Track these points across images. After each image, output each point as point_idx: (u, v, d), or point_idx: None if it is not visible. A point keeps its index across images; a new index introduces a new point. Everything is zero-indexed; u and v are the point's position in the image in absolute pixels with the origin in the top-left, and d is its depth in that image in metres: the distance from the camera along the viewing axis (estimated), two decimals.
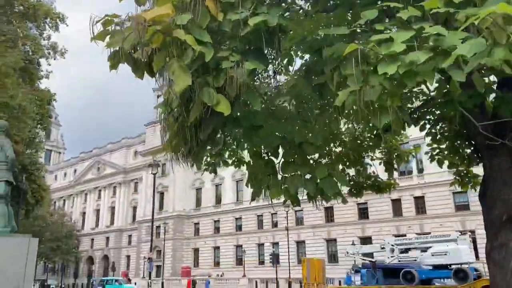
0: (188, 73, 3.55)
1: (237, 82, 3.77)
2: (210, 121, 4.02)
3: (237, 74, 3.70)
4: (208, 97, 3.57)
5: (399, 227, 41.57)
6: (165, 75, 4.00)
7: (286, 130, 4.74)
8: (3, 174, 10.32)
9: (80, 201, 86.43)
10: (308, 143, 5.23)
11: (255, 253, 53.06)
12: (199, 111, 3.80)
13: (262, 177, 5.38)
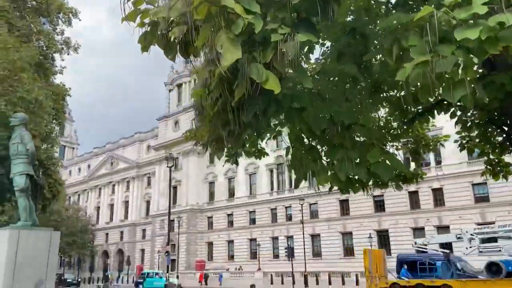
0: (238, 46, 3.20)
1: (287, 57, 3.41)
2: (254, 102, 3.66)
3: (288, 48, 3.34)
4: (257, 73, 3.21)
5: (417, 220, 40.95)
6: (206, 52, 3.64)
7: (334, 111, 4.36)
8: (24, 167, 10.14)
9: (94, 195, 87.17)
10: (358, 125, 4.84)
11: (269, 246, 52.87)
12: (243, 90, 3.44)
13: (307, 163, 5.01)
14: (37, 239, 10.00)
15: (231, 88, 3.86)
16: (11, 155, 10.39)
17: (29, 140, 10.15)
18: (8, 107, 19.59)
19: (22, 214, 10.24)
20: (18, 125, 10.60)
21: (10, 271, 9.27)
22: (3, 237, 9.58)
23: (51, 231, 10.66)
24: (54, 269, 10.35)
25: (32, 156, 10.30)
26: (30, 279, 9.46)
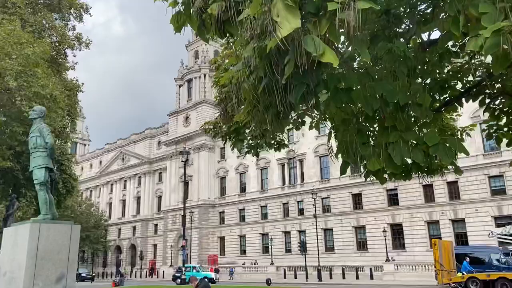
0: (297, 13, 2.92)
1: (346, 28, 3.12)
2: (303, 80, 3.40)
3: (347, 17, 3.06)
4: (313, 46, 2.95)
5: (432, 213, 40.47)
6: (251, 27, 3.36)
7: (387, 90, 4.07)
8: (43, 161, 10.04)
9: (106, 191, 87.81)
10: (415, 104, 4.56)
11: (282, 241, 52.75)
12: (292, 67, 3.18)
13: (356, 147, 4.75)
14: (57, 233, 9.93)
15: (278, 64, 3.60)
16: (30, 149, 10.32)
17: (48, 133, 10.05)
18: (24, 102, 19.62)
19: (42, 208, 10.17)
20: (36, 118, 10.50)
21: (32, 264, 9.20)
22: (24, 231, 9.52)
23: (71, 225, 10.58)
24: (75, 262, 10.27)
25: (51, 149, 10.20)
26: (52, 272, 9.38)
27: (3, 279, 9.73)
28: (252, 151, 10.95)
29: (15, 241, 9.80)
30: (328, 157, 49.99)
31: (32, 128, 10.40)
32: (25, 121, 21.16)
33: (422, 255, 39.77)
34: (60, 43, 30.50)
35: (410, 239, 41.29)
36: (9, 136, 20.98)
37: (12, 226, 10.50)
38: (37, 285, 9.24)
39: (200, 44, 72.09)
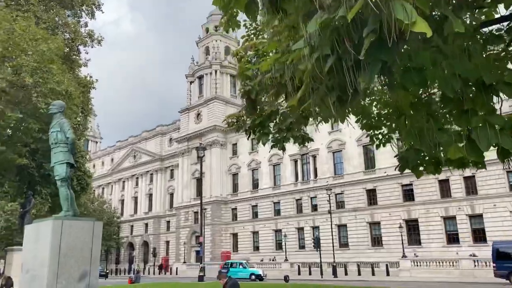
0: None
1: None
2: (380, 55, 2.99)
3: None
4: (403, 12, 2.57)
5: (448, 209, 39.79)
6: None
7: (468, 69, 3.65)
8: (64, 156, 9.83)
9: (118, 188, 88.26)
10: (503, 84, 4.11)
11: (295, 237, 52.44)
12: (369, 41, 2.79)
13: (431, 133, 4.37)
14: (80, 230, 9.74)
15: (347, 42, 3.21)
16: (51, 144, 10.11)
17: (69, 128, 9.84)
18: (39, 98, 19.52)
19: (64, 204, 9.98)
20: (56, 112, 10.29)
21: (55, 262, 9.00)
22: (46, 228, 9.33)
23: (93, 221, 10.40)
24: (97, 260, 10.08)
25: (72, 144, 9.99)
26: (74, 270, 9.19)
27: (26, 277, 9.57)
28: (278, 144, 10.64)
29: (37, 238, 9.63)
30: (342, 152, 49.56)
31: (52, 123, 10.20)
32: (41, 118, 21.11)
33: (439, 251, 39.22)
34: (73, 40, 30.44)
35: (426, 235, 40.69)
36: (24, 132, 20.95)
37: (34, 223, 10.33)
38: (60, 283, 9.07)
39: (211, 40, 71.86)
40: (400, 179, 43.34)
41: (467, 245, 37.93)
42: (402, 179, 43.19)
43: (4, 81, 18.33)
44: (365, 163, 47.41)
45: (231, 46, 73.50)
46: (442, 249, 39.21)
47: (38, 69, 19.94)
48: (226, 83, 69.89)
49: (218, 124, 64.72)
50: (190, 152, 69.04)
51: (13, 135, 20.21)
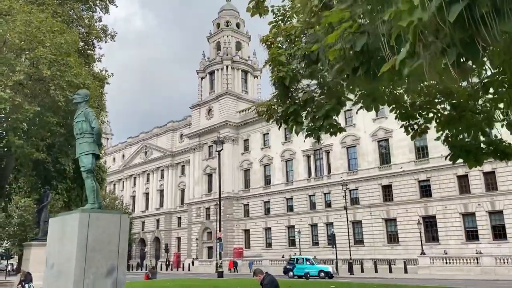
0: None
1: None
2: None
3: None
4: None
5: (467, 205, 38.96)
6: None
7: None
8: (90, 147, 9.44)
9: (130, 185, 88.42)
10: None
11: (308, 234, 51.92)
12: None
13: None
14: (107, 223, 9.35)
15: None
16: (76, 135, 9.72)
17: (94, 117, 9.43)
18: (57, 91, 19.20)
19: (90, 196, 9.59)
20: (81, 102, 9.91)
21: (82, 256, 8.62)
22: (73, 221, 8.95)
23: (120, 215, 10.02)
24: (125, 254, 9.69)
25: (98, 134, 9.59)
26: (102, 265, 8.80)
27: (51, 272, 9.20)
28: (314, 134, 10.14)
29: (62, 231, 9.25)
30: (357, 148, 48.83)
31: (77, 113, 9.81)
32: (59, 112, 20.83)
33: (457, 248, 38.47)
34: (88, 34, 30.15)
35: (444, 231, 39.92)
36: (41, 126, 20.67)
37: (59, 216, 9.96)
38: (88, 278, 8.69)
39: (222, 36, 71.35)
40: (417, 175, 42.59)
41: (487, 242, 37.13)
42: (419, 174, 42.46)
43: (21, 73, 18.02)
44: (380, 159, 46.67)
45: (242, 42, 73.01)
46: (460, 246, 38.45)
47: (56, 61, 19.62)
48: (237, 79, 69.40)
49: (230, 120, 64.35)
50: (201, 148, 68.76)
51: (30, 129, 19.91)
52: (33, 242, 21.52)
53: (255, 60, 72.88)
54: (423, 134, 12.05)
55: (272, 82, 9.88)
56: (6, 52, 18.83)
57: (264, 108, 10.66)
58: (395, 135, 44.99)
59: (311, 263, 35.77)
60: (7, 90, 17.56)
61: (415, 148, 43.62)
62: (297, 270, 35.52)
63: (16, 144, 19.21)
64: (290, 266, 36.59)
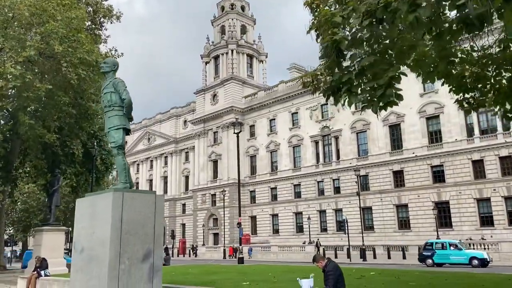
0: None
1: None
2: None
3: None
4: None
5: (482, 190, 38.23)
6: None
7: None
8: (120, 120, 8.49)
9: (133, 171, 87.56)
10: None
11: (317, 220, 51.29)
12: None
13: None
14: (142, 203, 8.49)
15: None
16: (104, 107, 8.76)
17: (124, 88, 8.47)
18: (70, 69, 18.18)
19: (121, 175, 8.70)
20: (109, 71, 8.95)
21: (116, 239, 7.76)
22: (105, 202, 8.07)
23: (155, 194, 9.17)
24: (161, 237, 8.87)
25: (129, 107, 8.63)
26: (138, 248, 7.99)
27: (80, 257, 8.34)
28: (372, 106, 9.17)
29: (93, 213, 8.38)
30: (367, 133, 47.93)
31: (104, 84, 8.84)
32: (70, 91, 19.82)
33: (471, 234, 37.86)
34: (96, 12, 29.01)
35: (458, 217, 39.27)
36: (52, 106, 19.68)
37: (88, 197, 9.08)
38: (123, 263, 7.87)
39: (226, 19, 69.80)
40: (430, 160, 41.79)
41: (502, 227, 36.50)
42: (432, 160, 41.65)
43: (32, 49, 17.00)
44: (391, 144, 45.80)
45: (247, 26, 71.51)
46: (475, 232, 37.85)
47: (67, 37, 18.58)
48: (242, 63, 68.09)
49: (235, 105, 63.27)
50: (206, 134, 67.80)
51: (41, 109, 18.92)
52: (45, 227, 20.71)
53: (260, 44, 71.49)
54: (480, 108, 11.07)
55: (321, 49, 8.85)
56: (15, 26, 17.77)
57: (309, 79, 9.65)
58: (407, 120, 44.11)
59: (459, 248, 28.49)
60: (17, 67, 16.56)
61: (428, 132, 42.74)
62: (438, 257, 28.90)
63: (27, 125, 18.27)
64: (428, 253, 29.87)
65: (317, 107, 53.70)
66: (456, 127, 40.35)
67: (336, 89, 9.17)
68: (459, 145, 39.83)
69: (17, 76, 16.56)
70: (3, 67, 16.62)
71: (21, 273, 23.94)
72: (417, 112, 43.21)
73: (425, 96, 42.97)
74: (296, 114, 56.59)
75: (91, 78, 19.68)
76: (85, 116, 21.78)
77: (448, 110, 40.98)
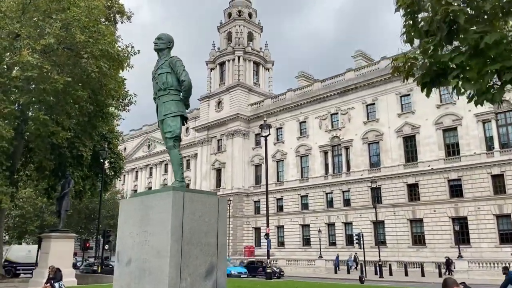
0: None
1: None
2: None
3: None
4: None
5: (502, 206, 36.82)
6: None
7: None
8: (178, 106, 6.90)
9: (131, 178, 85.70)
10: None
11: (325, 233, 49.56)
12: None
13: None
14: (203, 207, 6.90)
15: None
16: (158, 91, 7.16)
17: (183, 69, 6.92)
18: (91, 60, 16.63)
19: (178, 172, 7.12)
20: (163, 49, 7.38)
21: (177, 252, 6.21)
22: (163, 203, 6.49)
23: (217, 197, 7.60)
24: (225, 249, 7.27)
25: (188, 90, 7.07)
26: (200, 262, 6.44)
27: (127, 270, 6.70)
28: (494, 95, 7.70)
29: (145, 217, 6.76)
30: (380, 144, 46.58)
31: (159, 63, 7.25)
32: (88, 85, 18.23)
33: (490, 251, 36.38)
34: (110, 8, 27.57)
35: (476, 234, 37.76)
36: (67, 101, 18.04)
37: (136, 197, 7.44)
38: (185, 279, 6.37)
39: (233, 25, 68.75)
40: (447, 174, 40.41)
41: None
42: (449, 173, 40.27)
43: (51, 37, 15.45)
44: (405, 156, 44.42)
45: (254, 33, 70.47)
46: (494, 249, 36.34)
47: (87, 27, 17.06)
48: (249, 71, 66.86)
49: (241, 113, 61.84)
50: (210, 141, 66.20)
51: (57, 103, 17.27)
52: (53, 233, 18.93)
53: (267, 52, 70.42)
54: None
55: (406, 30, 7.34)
56: (33, 11, 16.25)
57: (400, 63, 8.13)
58: (422, 131, 42.85)
59: None
60: (34, 55, 14.98)
61: (445, 145, 41.42)
62: None
63: (40, 121, 16.63)
64: None
65: (326, 116, 52.40)
66: (475, 140, 39.11)
67: (438, 75, 7.68)
68: (478, 159, 38.54)
69: (34, 66, 14.96)
70: (19, 55, 15.03)
71: (22, 282, 22.06)
72: (433, 124, 41.96)
73: (442, 107, 41.77)
74: (304, 123, 55.22)
75: (111, 73, 18.14)
76: (100, 114, 20.13)
77: (466, 122, 39.80)
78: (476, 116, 39.36)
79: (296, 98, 56.65)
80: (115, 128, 29.39)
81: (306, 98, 54.71)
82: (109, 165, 28.98)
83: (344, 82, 51.15)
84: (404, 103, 45.27)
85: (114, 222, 64.91)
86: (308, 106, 54.43)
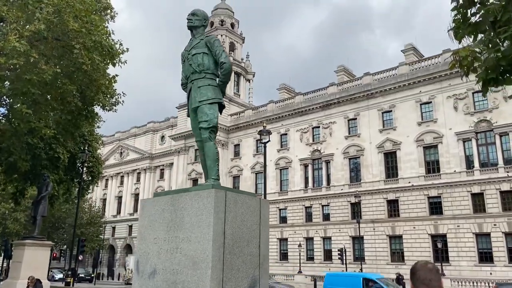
0: None
1: None
2: None
3: None
4: None
5: (482, 225, 37.15)
6: None
7: None
8: (215, 93, 5.97)
9: (101, 187, 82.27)
10: None
11: (303, 248, 48.66)
12: None
13: None
14: (246, 210, 6.05)
15: None
16: (191, 73, 6.19)
17: (222, 49, 6.00)
18: (83, 52, 15.29)
19: (214, 167, 6.22)
20: (198, 26, 6.45)
21: (218, 262, 5.23)
22: (203, 204, 5.52)
23: (260, 199, 6.73)
24: (267, 260, 6.37)
25: (227, 74, 6.15)
26: (242, 275, 5.68)
27: (151, 283, 5.64)
28: None
29: (176, 220, 5.75)
30: (361, 159, 46.52)
31: (192, 42, 6.27)
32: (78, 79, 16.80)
33: (469, 270, 36.52)
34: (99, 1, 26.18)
35: (455, 252, 37.88)
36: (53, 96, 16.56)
37: (161, 196, 6.39)
38: None
39: (216, 34, 67.92)
40: (427, 191, 40.60)
41: (502, 264, 35.30)
42: (429, 190, 40.48)
43: (41, 22, 14.07)
44: (386, 172, 44.47)
45: (236, 43, 70.00)
46: (473, 268, 36.50)
47: (79, 17, 15.76)
48: (230, 81, 66.01)
49: (220, 123, 60.47)
50: (187, 150, 64.54)
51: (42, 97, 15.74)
52: (27, 240, 17.17)
53: (248, 63, 70.00)
54: None
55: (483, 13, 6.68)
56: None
57: (459, 57, 7.37)
58: (403, 148, 43.08)
59: None
60: (22, 41, 13.55)
61: (425, 162, 41.72)
62: None
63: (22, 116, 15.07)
64: None
65: (308, 130, 52.08)
66: (456, 158, 39.57)
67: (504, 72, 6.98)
68: (458, 177, 38.94)
69: (21, 53, 13.52)
70: (3, 41, 13.57)
71: None
72: (415, 141, 42.29)
73: (423, 125, 42.20)
74: (285, 135, 54.70)
75: (104, 67, 16.84)
76: (85, 113, 18.66)
77: (447, 141, 40.30)
78: (456, 135, 39.92)
79: (278, 110, 56.19)
80: (95, 130, 27.66)
81: (287, 110, 54.29)
82: (87, 170, 27.19)
83: (327, 96, 51.11)
84: (385, 119, 45.52)
85: (81, 231, 61.87)
86: (289, 118, 54.02)
